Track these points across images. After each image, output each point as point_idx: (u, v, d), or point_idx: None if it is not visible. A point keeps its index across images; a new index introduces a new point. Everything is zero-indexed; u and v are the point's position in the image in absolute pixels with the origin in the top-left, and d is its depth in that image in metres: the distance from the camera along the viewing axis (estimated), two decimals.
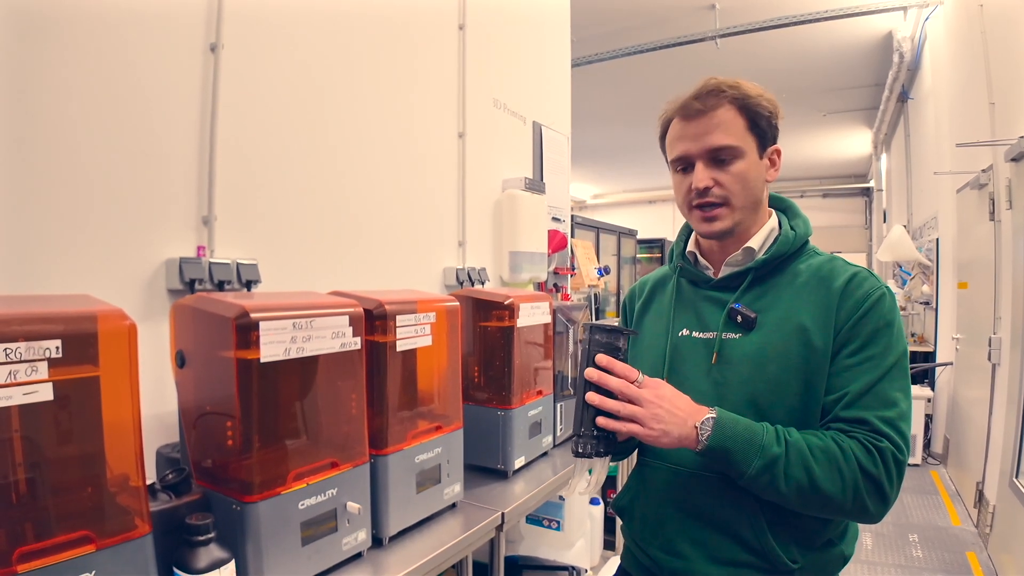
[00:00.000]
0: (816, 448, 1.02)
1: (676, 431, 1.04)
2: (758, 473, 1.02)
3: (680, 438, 1.04)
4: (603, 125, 9.21)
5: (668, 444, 1.05)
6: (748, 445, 1.03)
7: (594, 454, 1.10)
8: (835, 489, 1.01)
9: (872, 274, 1.13)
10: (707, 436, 1.03)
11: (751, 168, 1.14)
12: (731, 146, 1.12)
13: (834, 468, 1.01)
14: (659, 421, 1.04)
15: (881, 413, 1.03)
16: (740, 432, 1.04)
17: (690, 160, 1.16)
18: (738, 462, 1.03)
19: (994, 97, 3.82)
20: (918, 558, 3.64)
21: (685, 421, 1.05)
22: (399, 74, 2.16)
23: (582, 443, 1.10)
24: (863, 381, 1.05)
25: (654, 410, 1.04)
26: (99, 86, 1.32)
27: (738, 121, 1.13)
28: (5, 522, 0.81)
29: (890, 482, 1.02)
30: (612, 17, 5.70)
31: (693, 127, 1.14)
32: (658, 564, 1.21)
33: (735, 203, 1.14)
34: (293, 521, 1.15)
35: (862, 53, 6.68)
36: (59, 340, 0.83)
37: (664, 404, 1.05)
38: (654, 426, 1.04)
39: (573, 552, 2.37)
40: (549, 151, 3.16)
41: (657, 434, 1.04)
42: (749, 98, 1.13)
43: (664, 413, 1.04)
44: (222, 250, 1.55)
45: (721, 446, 1.03)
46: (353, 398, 1.29)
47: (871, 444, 1.02)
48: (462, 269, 2.43)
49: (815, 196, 12.99)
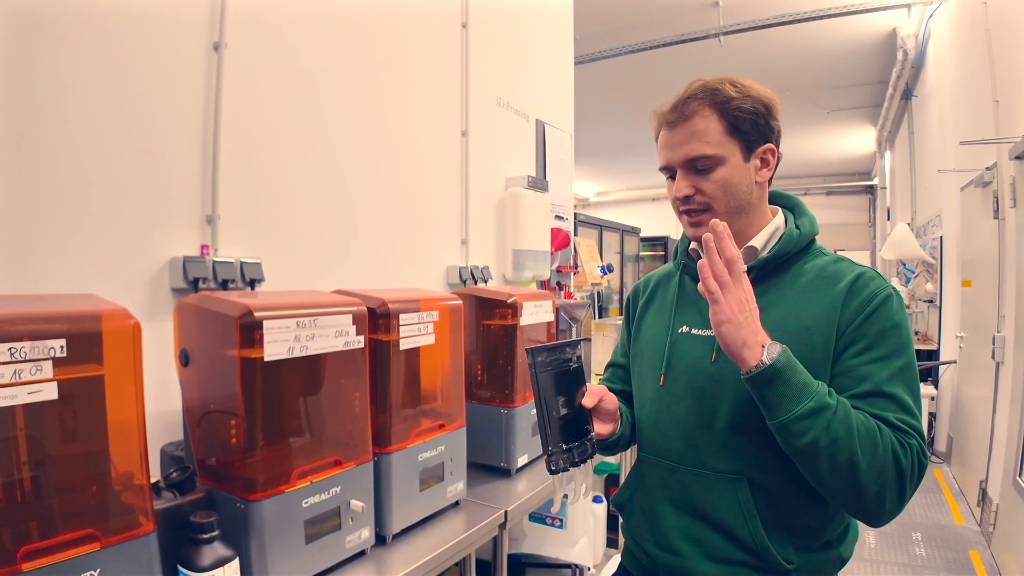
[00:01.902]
0: (859, 419, 0.99)
1: (746, 333, 0.99)
2: (805, 415, 0.97)
3: (745, 342, 0.99)
4: (606, 123, 9.20)
5: (732, 339, 1.00)
6: (805, 386, 0.99)
7: (569, 467, 1.11)
8: (866, 464, 0.96)
9: (879, 274, 1.12)
10: (773, 357, 0.98)
11: (733, 173, 1.13)
12: (707, 155, 1.11)
13: (872, 442, 0.97)
14: (739, 310, 0.99)
15: (901, 416, 1.01)
16: (800, 371, 1.00)
17: (672, 169, 1.16)
18: (790, 397, 0.98)
19: (998, 95, 3.81)
20: (921, 556, 3.64)
21: (756, 332, 1.00)
22: (402, 72, 2.16)
23: (554, 459, 1.10)
24: (872, 381, 1.03)
25: (738, 302, 1.00)
26: (101, 85, 1.32)
27: (716, 127, 1.11)
28: (10, 520, 0.81)
29: (912, 482, 0.99)
30: (615, 14, 5.69)
31: (672, 136, 1.14)
32: (654, 560, 1.21)
33: (717, 209, 1.13)
34: (297, 519, 1.15)
35: (866, 50, 6.65)
36: (63, 339, 0.84)
37: (747, 307, 1.00)
38: (730, 312, 0.99)
39: (576, 550, 2.37)
40: (552, 149, 3.15)
41: (727, 318, 0.99)
42: (729, 101, 1.11)
43: (744, 315, 1.00)
44: (226, 249, 1.55)
45: (781, 373, 0.98)
46: (357, 396, 1.29)
47: (903, 439, 0.99)
48: (465, 267, 2.43)
49: (819, 194, 12.96)
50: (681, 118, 1.12)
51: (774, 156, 1.18)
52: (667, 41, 5.91)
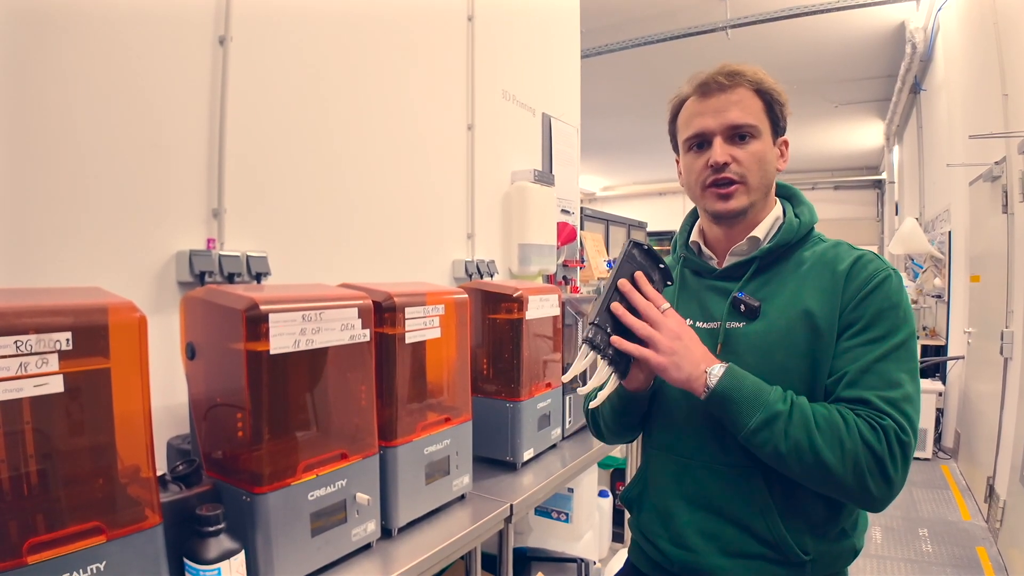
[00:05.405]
0: (820, 415, 1.01)
1: (687, 367, 1.05)
2: (759, 427, 1.01)
3: (689, 376, 1.05)
4: (613, 117, 9.17)
5: (675, 379, 1.06)
6: (754, 398, 1.03)
7: (601, 346, 1.09)
8: (835, 459, 0.99)
9: (878, 256, 1.12)
10: (715, 381, 1.04)
11: (767, 150, 1.15)
12: (751, 124, 1.12)
13: (836, 437, 0.99)
14: (673, 352, 1.05)
15: (883, 393, 1.01)
16: (748, 385, 1.04)
17: (707, 136, 1.14)
18: (741, 413, 1.03)
19: (1007, 88, 3.78)
20: (928, 552, 3.63)
21: (698, 362, 1.05)
22: (408, 66, 2.16)
23: (593, 330, 1.10)
24: (864, 361, 1.04)
25: (671, 340, 1.05)
26: (106, 77, 1.32)
27: (756, 103, 1.14)
28: (16, 513, 0.81)
29: (893, 462, 0.99)
30: (622, 8, 5.66)
31: (713, 103, 1.14)
32: (668, 557, 1.21)
33: (751, 182, 1.13)
34: (303, 512, 1.15)
35: (874, 44, 6.61)
36: (69, 332, 0.84)
37: (683, 338, 1.07)
38: (667, 355, 1.05)
39: (581, 544, 2.37)
40: (558, 143, 3.14)
41: (667, 364, 1.05)
42: (766, 83, 1.14)
43: (680, 347, 1.05)
44: (232, 242, 1.55)
45: (727, 394, 1.03)
46: (362, 390, 1.29)
47: (874, 421, 1.00)
48: (471, 261, 2.42)
49: (827, 188, 12.90)
50: (722, 88, 1.13)
51: (787, 149, 1.21)
52: (674, 34, 5.89)
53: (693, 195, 1.22)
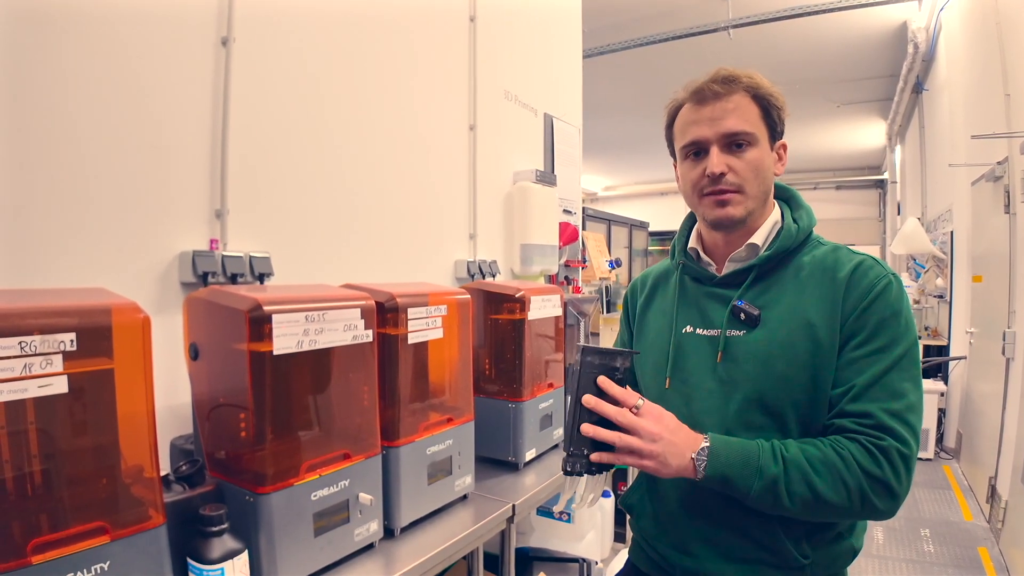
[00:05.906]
0: (815, 460, 1.01)
1: (675, 463, 1.04)
2: (761, 494, 1.02)
3: (679, 469, 1.04)
4: (615, 117, 9.16)
5: (667, 475, 1.06)
6: (745, 469, 1.02)
7: (584, 472, 1.08)
8: (840, 498, 1.00)
9: (878, 261, 1.11)
10: (704, 466, 1.03)
11: (765, 157, 1.13)
12: (747, 132, 1.11)
13: (836, 478, 1.00)
14: (655, 455, 1.03)
15: (887, 405, 1.01)
16: (735, 457, 1.03)
17: (703, 145, 1.13)
18: (739, 487, 1.03)
19: (1010, 88, 3.77)
20: (929, 553, 3.62)
21: (683, 453, 1.04)
22: (410, 66, 2.16)
23: (571, 462, 1.08)
24: (870, 373, 1.03)
25: (652, 443, 1.03)
26: (108, 78, 1.32)
27: (753, 109, 1.12)
28: (21, 513, 0.81)
29: (898, 480, 1.00)
30: (624, 8, 5.66)
31: (708, 111, 1.12)
32: (669, 562, 1.21)
33: (748, 191, 1.12)
34: (306, 512, 1.16)
35: (876, 43, 6.60)
36: (73, 333, 0.84)
37: (664, 435, 1.04)
38: (652, 459, 1.04)
39: (583, 544, 2.37)
40: (560, 143, 3.15)
41: (655, 466, 1.04)
42: (762, 88, 1.12)
43: (663, 445, 1.04)
44: (235, 243, 1.56)
45: (719, 474, 1.03)
46: (365, 390, 1.30)
47: (873, 445, 1.00)
48: (473, 262, 2.43)
49: (828, 188, 12.88)
50: (717, 96, 1.12)
51: (785, 153, 1.20)
52: (676, 34, 5.88)
53: (691, 202, 1.21)
